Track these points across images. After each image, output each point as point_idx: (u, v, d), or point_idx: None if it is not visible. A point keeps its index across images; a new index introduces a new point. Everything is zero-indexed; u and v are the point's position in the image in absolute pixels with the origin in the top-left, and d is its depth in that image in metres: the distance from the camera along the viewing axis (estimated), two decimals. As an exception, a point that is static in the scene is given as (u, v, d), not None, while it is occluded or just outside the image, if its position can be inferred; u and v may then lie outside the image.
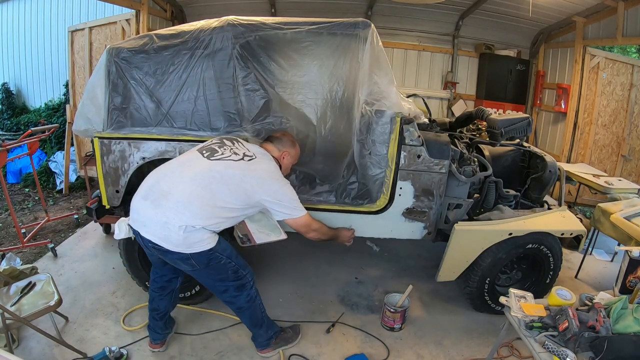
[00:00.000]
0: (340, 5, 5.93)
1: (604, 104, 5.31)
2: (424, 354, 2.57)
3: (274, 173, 2.16)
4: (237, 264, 2.17)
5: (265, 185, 2.08)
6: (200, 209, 1.95)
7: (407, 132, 2.56)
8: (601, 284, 3.49)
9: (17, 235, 3.64)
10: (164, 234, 1.93)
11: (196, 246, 1.96)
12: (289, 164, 2.39)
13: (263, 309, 2.37)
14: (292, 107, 2.82)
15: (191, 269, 2.08)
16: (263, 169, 2.13)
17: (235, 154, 2.13)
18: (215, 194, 1.98)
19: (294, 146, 2.40)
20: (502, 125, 2.84)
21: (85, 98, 2.58)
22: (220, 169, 2.03)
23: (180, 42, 2.49)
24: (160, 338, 2.44)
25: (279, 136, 2.39)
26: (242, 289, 2.22)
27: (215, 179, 2.00)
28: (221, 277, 2.16)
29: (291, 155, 2.38)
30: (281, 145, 2.35)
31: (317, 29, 2.52)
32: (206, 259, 2.03)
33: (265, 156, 2.23)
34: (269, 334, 2.40)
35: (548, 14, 5.39)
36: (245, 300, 2.25)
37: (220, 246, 2.08)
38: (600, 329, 1.77)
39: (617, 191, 3.78)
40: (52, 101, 6.74)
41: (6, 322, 2.06)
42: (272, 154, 2.30)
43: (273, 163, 2.22)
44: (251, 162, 2.12)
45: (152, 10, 5.08)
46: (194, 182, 1.98)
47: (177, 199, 1.94)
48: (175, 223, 1.90)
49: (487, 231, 2.66)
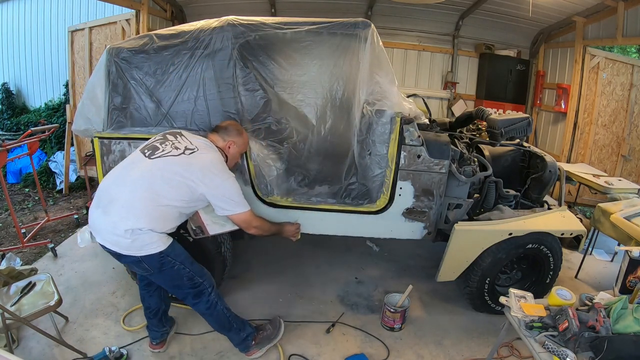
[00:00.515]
0: (340, 5, 5.93)
1: (604, 104, 5.31)
2: (424, 354, 2.57)
3: (216, 165, 2.08)
4: (192, 270, 2.12)
5: (206, 179, 2.01)
6: (143, 211, 1.92)
7: (407, 132, 2.56)
8: (601, 284, 3.49)
9: (17, 235, 3.64)
10: (113, 239, 1.93)
11: (146, 249, 1.94)
12: (235, 153, 2.30)
13: (228, 313, 2.31)
14: (292, 107, 2.82)
15: (146, 272, 2.06)
16: (204, 161, 2.06)
17: (176, 149, 2.06)
18: (159, 193, 1.95)
19: (241, 135, 2.31)
20: (502, 125, 2.84)
21: (85, 98, 2.58)
22: (161, 166, 1.99)
23: (180, 42, 2.49)
24: (158, 337, 2.43)
25: (224, 125, 2.30)
26: (200, 295, 2.18)
27: (156, 177, 1.96)
28: (176, 284, 2.13)
29: (237, 144, 2.28)
30: (226, 135, 2.26)
31: (317, 29, 2.52)
32: (158, 262, 2.00)
33: (208, 147, 2.16)
34: (242, 336, 2.35)
35: (548, 14, 5.39)
36: (205, 307, 2.22)
37: (174, 251, 2.05)
38: (600, 329, 1.77)
39: (617, 191, 3.78)
40: (52, 101, 6.74)
41: (6, 322, 2.06)
42: (217, 144, 2.22)
43: (217, 154, 2.15)
44: (192, 155, 2.06)
45: (152, 10, 5.09)
46: (136, 184, 1.96)
47: (121, 204, 1.93)
48: (121, 227, 1.90)
49: (487, 231, 2.66)
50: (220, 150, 2.21)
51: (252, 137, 2.60)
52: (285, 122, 2.77)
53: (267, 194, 2.66)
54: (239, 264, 3.38)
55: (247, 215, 2.16)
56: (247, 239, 2.93)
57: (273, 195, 2.67)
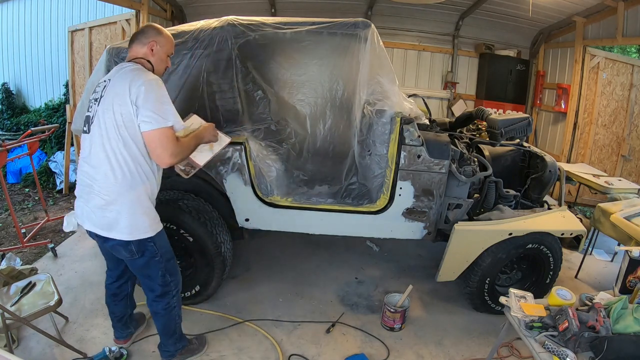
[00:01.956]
0: (340, 5, 5.93)
1: (604, 104, 5.32)
2: (424, 354, 2.57)
3: (134, 73, 1.81)
4: (167, 267, 2.09)
5: (131, 89, 1.75)
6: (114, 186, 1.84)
7: (407, 132, 2.56)
8: (601, 284, 3.49)
9: (17, 235, 3.64)
10: (104, 222, 1.89)
11: (137, 232, 1.91)
12: (161, 53, 1.98)
13: (178, 320, 2.26)
14: (292, 106, 2.82)
15: (130, 256, 1.99)
16: (119, 80, 1.81)
17: (95, 102, 1.87)
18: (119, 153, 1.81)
19: (160, 32, 1.98)
20: (502, 125, 2.84)
21: (85, 98, 2.58)
22: (100, 130, 1.82)
23: (180, 42, 2.49)
24: (123, 336, 2.44)
25: (141, 29, 2.01)
26: (164, 296, 2.14)
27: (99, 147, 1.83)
28: (150, 274, 2.08)
29: (160, 43, 1.96)
30: (145, 37, 1.95)
31: (317, 29, 2.52)
32: (144, 247, 1.96)
33: (121, 69, 1.89)
34: (177, 347, 2.30)
35: (548, 14, 5.39)
36: (163, 308, 2.16)
37: (160, 241, 2.02)
38: (600, 329, 1.77)
39: (617, 191, 3.78)
40: (52, 101, 6.74)
41: (6, 322, 2.05)
42: (137, 53, 1.94)
43: (132, 67, 1.87)
44: (106, 90, 1.84)
45: (152, 10, 5.09)
46: (93, 162, 1.87)
47: (98, 186, 1.86)
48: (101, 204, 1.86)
49: (487, 231, 2.66)
50: (142, 60, 1.94)
51: (252, 137, 2.60)
52: (285, 122, 2.77)
53: (267, 194, 2.66)
54: (239, 264, 3.38)
55: (163, 132, 1.79)
56: (247, 238, 2.94)
57: (273, 195, 2.67)
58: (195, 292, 2.78)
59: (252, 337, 2.61)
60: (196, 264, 2.71)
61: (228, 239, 2.79)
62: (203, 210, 2.65)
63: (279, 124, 2.80)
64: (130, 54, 1.97)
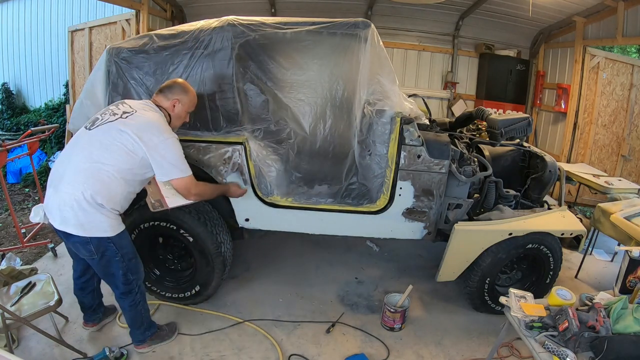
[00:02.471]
0: (340, 5, 5.93)
1: (604, 104, 5.32)
2: (424, 354, 2.57)
3: (154, 124, 2.00)
4: (129, 267, 2.14)
5: (145, 138, 1.94)
6: (88, 182, 1.90)
7: (407, 132, 2.56)
8: (601, 284, 3.49)
9: (17, 235, 3.64)
10: (64, 216, 1.93)
11: (95, 230, 1.95)
12: (181, 112, 2.20)
13: (145, 313, 2.33)
14: (292, 107, 2.82)
15: (89, 255, 2.05)
16: (140, 122, 1.98)
17: (113, 115, 2.00)
18: (99, 161, 1.92)
19: (186, 92, 2.20)
20: (502, 125, 2.84)
21: (85, 98, 2.58)
22: (99, 134, 1.96)
23: (180, 42, 2.49)
24: (91, 320, 2.52)
25: (168, 84, 2.21)
26: (128, 295, 2.20)
27: (95, 146, 1.94)
28: (112, 273, 2.14)
29: (183, 102, 2.18)
30: (170, 94, 2.16)
31: (317, 29, 2.52)
32: (103, 247, 2.01)
33: (147, 108, 2.09)
34: (146, 334, 2.39)
35: (548, 14, 5.39)
36: (129, 305, 2.24)
37: (120, 242, 2.07)
38: (600, 329, 1.77)
39: (617, 191, 3.78)
40: (52, 101, 6.74)
41: (6, 322, 2.05)
42: (161, 104, 2.15)
43: (155, 114, 2.07)
44: (129, 117, 1.99)
45: (152, 10, 5.09)
46: (78, 157, 1.95)
47: (68, 179, 1.93)
48: (69, 201, 1.90)
49: (487, 231, 2.66)
50: (164, 111, 2.14)
51: (252, 138, 2.60)
52: (285, 122, 2.76)
53: (267, 194, 2.66)
54: (239, 264, 3.38)
55: (186, 181, 2.08)
56: (247, 238, 2.94)
57: (273, 195, 2.67)
58: (195, 292, 2.78)
59: (252, 337, 2.61)
60: (196, 264, 2.71)
61: (228, 239, 2.79)
62: (203, 210, 2.65)
63: (278, 124, 2.79)
64: (155, 98, 2.19)
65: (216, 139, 2.55)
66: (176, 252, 2.87)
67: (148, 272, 2.80)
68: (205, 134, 2.55)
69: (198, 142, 2.56)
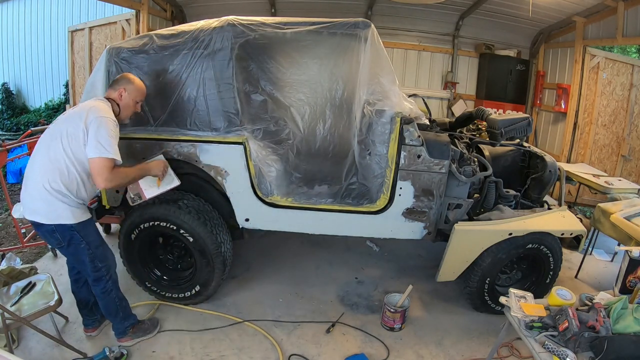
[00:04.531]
0: (340, 5, 5.93)
1: (604, 104, 5.32)
2: (424, 354, 2.57)
3: (96, 107, 2.12)
4: (96, 254, 2.23)
5: (84, 116, 2.05)
6: (45, 171, 2.05)
7: (407, 132, 2.56)
8: (601, 284, 3.49)
9: (17, 235, 3.64)
10: (32, 206, 2.09)
11: (58, 218, 2.07)
12: (128, 100, 2.27)
13: (118, 302, 2.39)
14: (291, 107, 2.82)
15: (57, 244, 2.19)
16: (84, 106, 2.13)
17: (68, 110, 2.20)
18: (51, 149, 2.06)
19: (132, 82, 2.29)
20: (502, 125, 2.84)
21: (85, 98, 2.58)
22: (53, 128, 2.13)
23: (180, 42, 2.49)
24: (91, 324, 2.55)
25: (116, 78, 2.33)
26: (99, 281, 2.29)
27: (47, 139, 2.11)
28: (80, 260, 2.24)
29: (129, 90, 2.26)
30: (117, 85, 2.28)
31: (317, 29, 2.51)
32: (69, 235, 2.13)
33: (97, 99, 2.22)
34: (125, 325, 2.44)
35: (548, 14, 5.39)
36: (101, 291, 2.31)
37: (84, 229, 2.17)
38: (600, 329, 1.77)
39: (617, 191, 3.78)
40: (52, 101, 6.75)
41: (6, 322, 2.06)
42: (110, 96, 2.27)
43: (102, 102, 2.19)
44: (79, 106, 2.16)
45: (152, 10, 5.09)
46: (40, 152, 2.12)
47: (34, 173, 2.10)
48: (33, 192, 2.07)
49: (487, 231, 2.66)
50: (112, 102, 2.24)
51: (251, 138, 2.60)
52: (284, 122, 2.77)
53: (267, 194, 2.66)
54: (239, 264, 3.38)
55: (103, 161, 2.04)
56: (247, 238, 2.94)
57: (273, 195, 2.67)
58: (195, 292, 2.78)
59: (252, 337, 2.62)
60: (196, 264, 2.71)
61: (228, 239, 2.79)
62: (203, 210, 2.65)
63: (278, 124, 2.80)
64: (106, 94, 2.30)
65: (216, 139, 2.55)
66: (176, 252, 2.87)
67: (148, 272, 2.80)
68: (206, 133, 2.55)
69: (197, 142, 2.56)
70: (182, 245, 2.79)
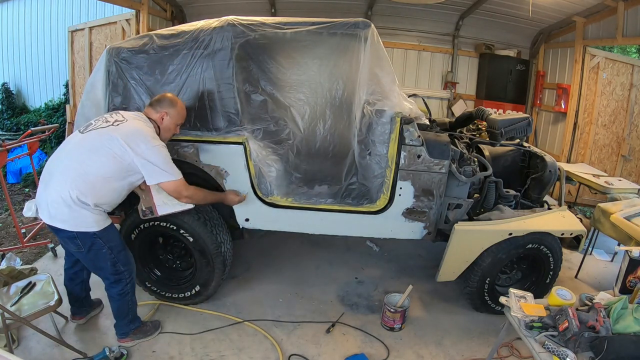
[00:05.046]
0: (340, 5, 5.93)
1: (604, 104, 5.32)
2: (424, 354, 2.57)
3: (143, 132, 2.12)
4: (118, 258, 2.24)
5: (133, 145, 2.06)
6: (76, 181, 2.02)
7: (407, 132, 2.56)
8: (601, 284, 3.49)
9: (17, 235, 3.64)
10: (52, 212, 2.06)
11: (81, 226, 2.07)
12: (170, 124, 2.30)
13: (132, 305, 2.41)
14: (291, 107, 2.82)
15: (77, 249, 2.18)
16: (129, 129, 2.11)
17: (106, 122, 2.14)
18: (86, 163, 2.04)
19: (174, 105, 2.31)
20: (502, 125, 2.84)
21: (85, 98, 2.58)
22: (89, 138, 2.09)
23: (180, 42, 2.49)
24: (79, 313, 2.58)
25: (158, 98, 2.33)
26: (118, 283, 2.30)
27: (84, 148, 2.07)
28: (100, 266, 2.24)
29: (171, 115, 2.28)
30: (159, 107, 2.28)
31: (317, 29, 2.51)
32: (90, 242, 2.12)
33: (137, 118, 2.21)
34: (130, 327, 2.45)
35: (548, 14, 5.39)
36: (117, 293, 2.32)
37: (107, 235, 2.17)
38: (600, 329, 1.77)
39: (617, 191, 3.78)
40: (52, 101, 6.74)
41: (6, 322, 2.05)
42: (151, 116, 2.27)
43: (144, 124, 2.19)
44: (119, 125, 2.12)
45: (152, 10, 5.09)
46: (68, 157, 2.09)
47: (57, 178, 2.06)
48: (56, 199, 2.02)
49: (487, 231, 2.66)
50: (153, 122, 2.25)
51: (251, 138, 2.60)
52: (284, 122, 2.76)
53: (267, 194, 2.66)
54: (239, 264, 3.38)
55: (176, 184, 2.18)
56: (247, 238, 2.94)
57: (273, 195, 2.67)
58: (195, 292, 2.78)
59: (252, 337, 2.62)
60: (196, 264, 2.71)
61: (228, 239, 2.79)
62: (203, 210, 2.65)
63: (278, 124, 2.80)
64: (145, 111, 2.29)
65: (216, 139, 2.55)
66: (176, 252, 2.87)
67: (148, 272, 2.80)
68: (206, 134, 2.55)
69: (197, 143, 2.56)
70: (182, 245, 2.79)
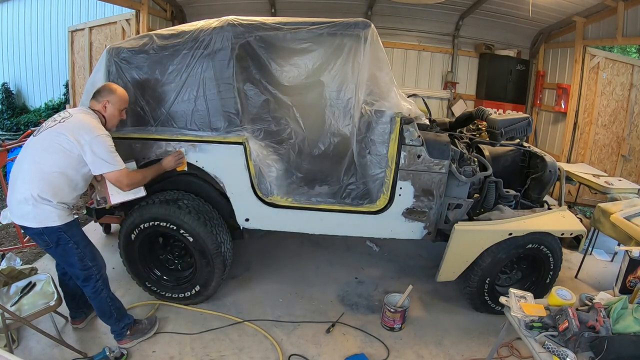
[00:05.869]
0: (340, 5, 5.93)
1: (604, 104, 5.32)
2: (424, 354, 2.57)
3: (86, 124, 2.17)
4: (85, 253, 2.26)
5: (78, 136, 2.12)
6: (34, 180, 2.10)
7: (407, 132, 2.56)
8: (601, 284, 3.49)
9: (17, 235, 3.64)
10: (19, 212, 2.14)
11: (45, 221, 2.12)
12: (113, 111, 2.32)
13: (111, 302, 2.40)
14: (291, 106, 2.82)
15: (46, 246, 2.23)
16: (76, 122, 2.17)
17: (54, 121, 2.20)
18: (41, 162, 2.12)
19: (114, 92, 2.32)
20: (502, 125, 2.84)
21: (85, 99, 2.58)
22: (41, 139, 2.16)
23: (180, 42, 2.49)
24: (77, 316, 2.59)
25: (98, 89, 2.35)
26: (89, 280, 2.31)
27: (38, 149, 2.15)
28: (69, 261, 2.27)
29: (112, 102, 2.30)
30: (100, 97, 2.30)
31: (317, 29, 2.52)
32: (56, 237, 2.18)
33: (83, 112, 2.26)
34: (120, 325, 2.44)
35: (548, 14, 5.39)
36: (91, 291, 2.33)
37: (70, 229, 2.21)
38: (600, 329, 1.77)
39: (617, 191, 3.78)
40: (52, 101, 6.75)
41: (6, 322, 2.06)
42: (94, 108, 2.30)
43: (88, 115, 2.23)
44: (65, 121, 2.18)
45: (152, 10, 5.09)
46: (26, 160, 2.17)
47: (20, 180, 2.14)
48: (21, 199, 2.11)
49: (487, 231, 2.66)
50: (98, 113, 2.29)
51: (252, 138, 2.60)
52: (284, 122, 2.77)
53: (267, 194, 2.66)
54: (239, 264, 3.38)
55: (117, 174, 2.22)
56: (247, 238, 2.94)
57: (273, 195, 2.67)
58: (195, 292, 2.78)
59: (252, 337, 2.62)
60: (196, 264, 2.71)
61: (228, 239, 2.79)
62: (203, 210, 2.65)
63: (278, 124, 2.80)
64: (90, 105, 2.32)
65: (216, 138, 2.55)
66: (176, 252, 2.87)
67: (148, 272, 2.80)
68: (206, 133, 2.55)
69: (198, 142, 2.56)
70: (182, 245, 2.79)
